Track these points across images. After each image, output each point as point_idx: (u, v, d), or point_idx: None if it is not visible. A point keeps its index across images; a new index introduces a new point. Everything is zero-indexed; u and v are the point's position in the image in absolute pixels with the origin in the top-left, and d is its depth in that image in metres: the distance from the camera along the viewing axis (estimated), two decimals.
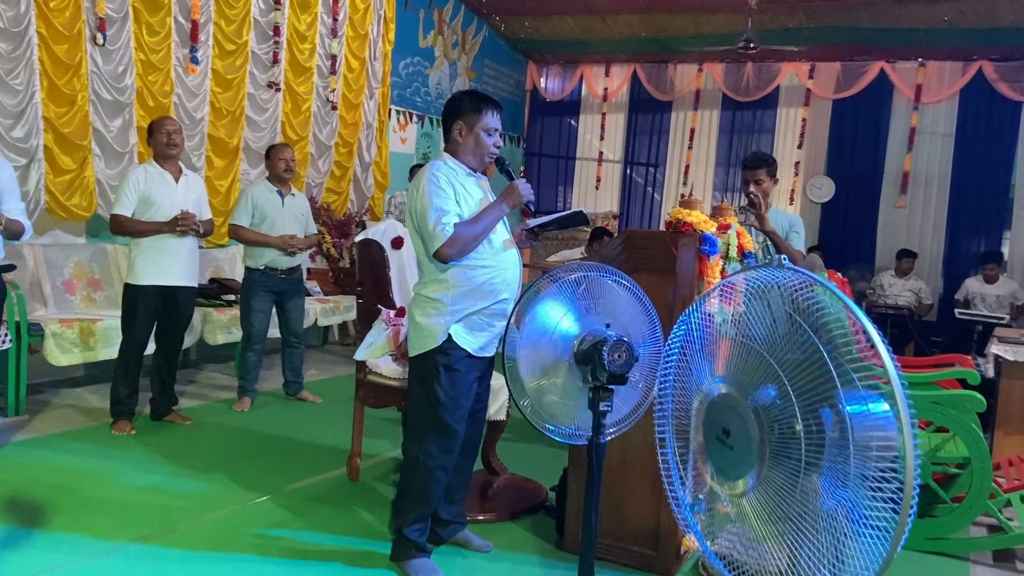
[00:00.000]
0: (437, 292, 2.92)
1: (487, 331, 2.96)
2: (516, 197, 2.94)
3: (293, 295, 5.37)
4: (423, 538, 3.07)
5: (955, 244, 9.09)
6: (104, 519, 3.37)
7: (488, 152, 3.00)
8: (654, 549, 3.18)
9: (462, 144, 2.99)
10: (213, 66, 6.44)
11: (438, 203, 2.84)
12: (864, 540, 1.29)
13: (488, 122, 2.97)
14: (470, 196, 2.94)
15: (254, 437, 4.72)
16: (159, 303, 4.59)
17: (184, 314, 4.76)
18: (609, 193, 10.98)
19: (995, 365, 5.04)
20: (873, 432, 1.31)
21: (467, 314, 2.91)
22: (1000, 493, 3.80)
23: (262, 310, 5.22)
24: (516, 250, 3.07)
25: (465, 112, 2.98)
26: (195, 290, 4.84)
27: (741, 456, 1.52)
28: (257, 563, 3.10)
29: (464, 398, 2.97)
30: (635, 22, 9.37)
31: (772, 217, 4.03)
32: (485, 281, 2.90)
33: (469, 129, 2.97)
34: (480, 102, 2.99)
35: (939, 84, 9.08)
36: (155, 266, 4.54)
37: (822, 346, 1.36)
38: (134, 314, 4.55)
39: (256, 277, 5.18)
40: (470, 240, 2.84)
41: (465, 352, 2.92)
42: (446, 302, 2.90)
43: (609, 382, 2.31)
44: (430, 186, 2.87)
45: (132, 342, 4.59)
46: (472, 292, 2.90)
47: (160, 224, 4.52)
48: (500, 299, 2.94)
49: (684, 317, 1.78)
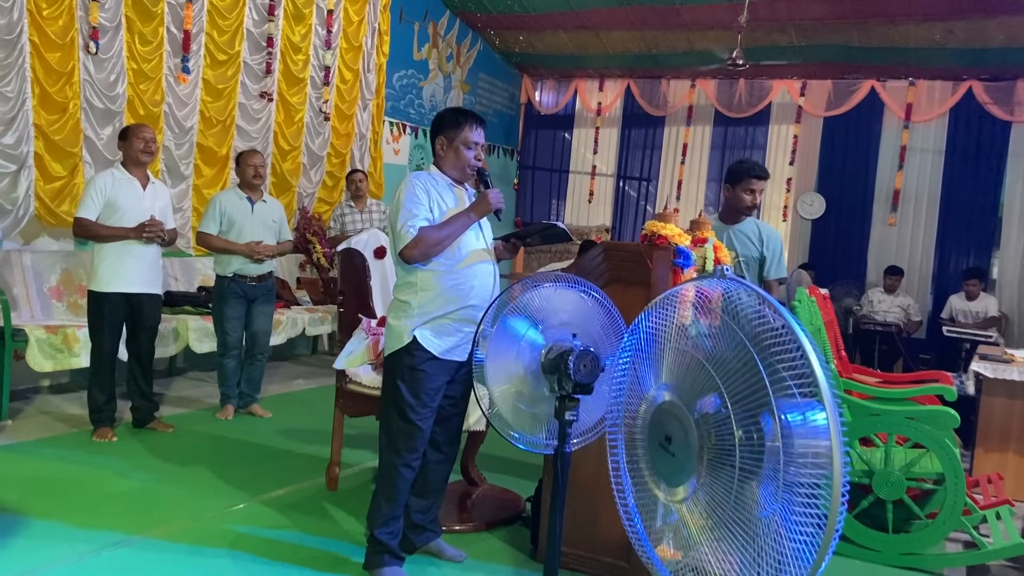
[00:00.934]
0: (405, 295, 3.04)
1: (454, 335, 3.02)
2: (485, 206, 3.04)
3: (263, 302, 5.29)
4: (394, 541, 3.10)
5: (944, 262, 9.13)
6: (80, 525, 3.38)
7: (469, 164, 3.11)
8: (626, 560, 3.19)
9: (444, 157, 3.12)
10: (204, 76, 6.50)
11: (409, 206, 2.96)
12: (798, 549, 1.30)
13: (468, 136, 3.08)
14: (445, 204, 3.05)
15: (235, 445, 4.73)
16: (125, 310, 4.59)
17: (150, 321, 4.74)
18: (602, 207, 11.02)
19: (975, 382, 5.06)
20: (808, 440, 1.33)
21: (433, 317, 2.99)
22: (976, 509, 3.82)
23: (236, 316, 5.18)
24: (490, 260, 3.14)
25: (446, 127, 3.11)
26: (159, 297, 4.81)
27: (681, 463, 1.55)
28: (231, 567, 3.11)
29: (429, 399, 3.03)
30: (629, 38, 9.43)
31: (746, 226, 3.98)
32: (451, 286, 2.99)
33: (450, 143, 3.09)
34: (460, 117, 3.11)
35: (929, 103, 9.14)
36: (119, 273, 4.52)
37: (756, 354, 1.38)
38: (100, 321, 4.54)
39: (226, 284, 5.12)
40: (433, 243, 2.94)
41: (430, 354, 2.99)
42: (413, 304, 3.01)
43: (575, 391, 2.33)
44: (407, 191, 3.01)
45: (101, 349, 4.58)
46: (438, 296, 2.99)
47: (126, 230, 4.50)
48: (468, 305, 3.01)
49: (635, 325, 1.81)
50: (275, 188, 7.24)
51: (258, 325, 5.31)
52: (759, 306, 1.44)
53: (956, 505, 3.61)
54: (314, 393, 6.20)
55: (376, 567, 3.07)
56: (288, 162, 7.38)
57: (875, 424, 3.78)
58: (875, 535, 3.73)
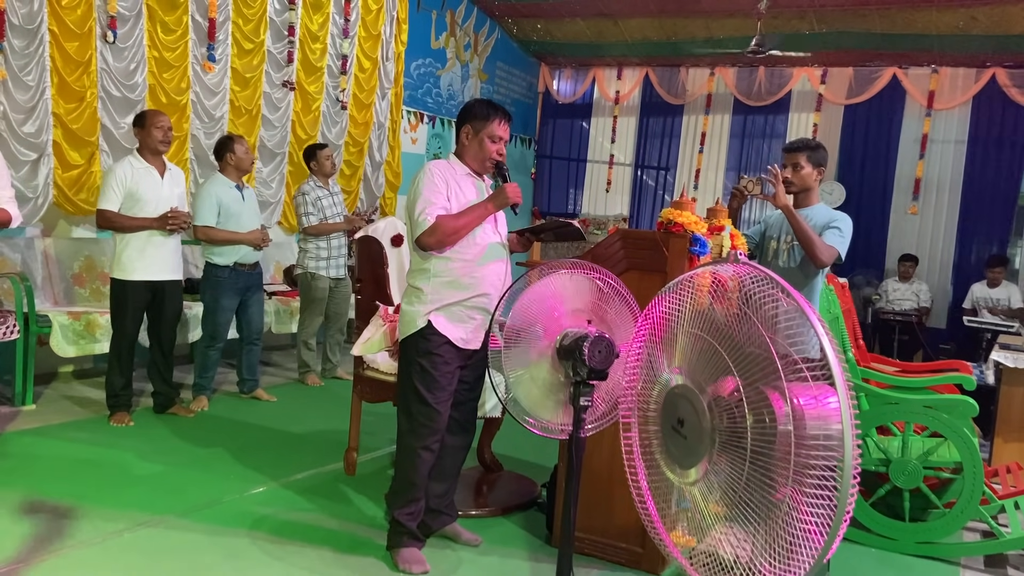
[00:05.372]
0: (419, 280, 3.09)
1: (468, 323, 3.07)
2: (503, 199, 3.06)
3: (256, 291, 5.31)
4: (414, 523, 3.15)
5: (965, 251, 9.03)
6: (104, 506, 3.44)
7: (490, 157, 3.14)
8: (641, 546, 3.21)
9: (468, 147, 3.16)
10: (232, 64, 6.53)
11: (427, 195, 3.00)
12: (809, 532, 1.31)
13: (494, 130, 3.12)
14: (463, 194, 3.09)
15: (253, 430, 4.78)
16: (147, 297, 4.63)
17: (172, 306, 4.78)
18: (620, 196, 10.99)
19: (995, 372, 5.02)
20: (820, 423, 1.33)
21: (446, 304, 3.04)
22: (994, 499, 3.80)
23: (230, 308, 5.16)
24: (504, 252, 3.17)
25: (475, 117, 3.15)
26: (180, 283, 4.84)
27: (693, 446, 1.56)
28: (251, 548, 3.15)
29: (446, 381, 3.07)
30: (647, 26, 9.37)
31: (815, 212, 3.69)
32: (464, 274, 3.04)
33: (475, 133, 3.14)
34: (490, 110, 3.15)
35: (952, 90, 9.03)
36: (143, 262, 4.56)
37: (768, 338, 1.39)
38: (123, 308, 4.59)
39: (225, 275, 5.07)
40: (450, 232, 2.98)
41: (445, 339, 3.04)
42: (426, 290, 3.05)
43: (589, 377, 2.34)
44: (425, 179, 3.05)
45: (122, 335, 4.63)
46: (451, 283, 3.04)
47: (150, 220, 4.54)
48: (480, 293, 3.06)
49: (648, 310, 1.81)
50: (292, 177, 7.28)
51: (254, 312, 5.33)
52: (771, 290, 1.44)
53: (974, 494, 3.59)
54: (331, 379, 6.25)
55: (397, 547, 3.14)
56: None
57: (893, 412, 3.76)
58: (892, 524, 3.73)
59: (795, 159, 3.72)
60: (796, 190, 3.72)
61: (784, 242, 3.71)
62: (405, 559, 3.08)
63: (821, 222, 3.61)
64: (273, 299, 6.31)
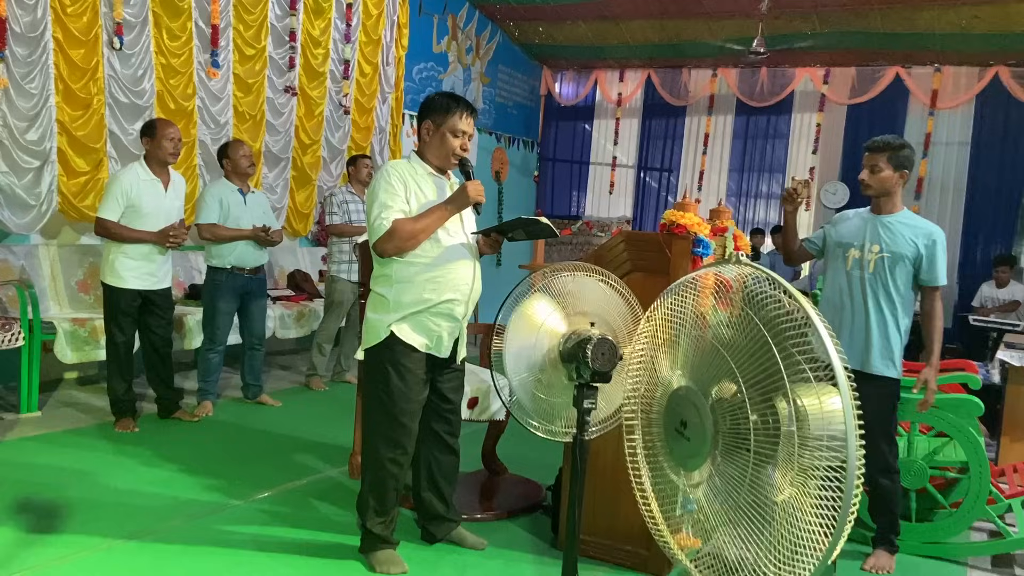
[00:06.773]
0: (381, 286, 2.97)
1: (434, 331, 2.96)
2: (463, 199, 2.91)
3: (257, 296, 5.29)
4: (387, 531, 3.09)
5: (970, 251, 9.02)
6: (108, 513, 3.44)
7: (453, 153, 2.99)
8: (646, 548, 3.20)
9: (429, 143, 3.02)
10: (234, 70, 6.55)
11: (383, 198, 2.88)
12: (814, 532, 1.31)
13: (456, 123, 2.97)
14: (423, 195, 2.95)
15: (258, 435, 4.78)
16: (138, 302, 4.65)
17: (164, 312, 4.79)
18: (623, 198, 10.99)
19: (1001, 371, 5.01)
20: (824, 424, 1.33)
21: (410, 312, 2.92)
22: (1001, 498, 3.79)
23: (228, 312, 5.14)
24: (470, 253, 3.04)
25: (435, 111, 2.99)
26: (170, 290, 4.84)
27: (696, 447, 1.55)
28: (257, 555, 3.15)
29: (413, 393, 2.96)
30: (649, 28, 9.38)
31: (902, 222, 3.44)
32: (427, 279, 2.91)
33: (436, 128, 2.99)
34: (451, 103, 2.99)
35: (955, 90, 9.02)
36: (136, 272, 4.58)
37: (770, 338, 1.38)
38: (116, 314, 4.60)
39: (223, 278, 5.06)
40: (407, 236, 2.85)
41: (411, 348, 2.94)
42: (389, 297, 2.93)
43: (593, 380, 2.34)
44: (381, 182, 2.92)
45: (116, 340, 4.64)
46: (413, 289, 2.91)
47: (150, 234, 4.56)
48: (445, 299, 2.94)
49: (651, 312, 1.81)
50: (295, 182, 7.30)
51: (255, 318, 5.32)
52: (774, 291, 1.44)
53: (980, 494, 3.58)
54: (336, 384, 6.25)
55: (370, 551, 3.09)
56: (308, 156, 7.42)
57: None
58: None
59: (874, 160, 3.47)
60: (873, 194, 3.49)
61: (870, 251, 3.42)
62: (381, 561, 3.04)
63: (910, 235, 3.37)
64: (277, 304, 6.31)
